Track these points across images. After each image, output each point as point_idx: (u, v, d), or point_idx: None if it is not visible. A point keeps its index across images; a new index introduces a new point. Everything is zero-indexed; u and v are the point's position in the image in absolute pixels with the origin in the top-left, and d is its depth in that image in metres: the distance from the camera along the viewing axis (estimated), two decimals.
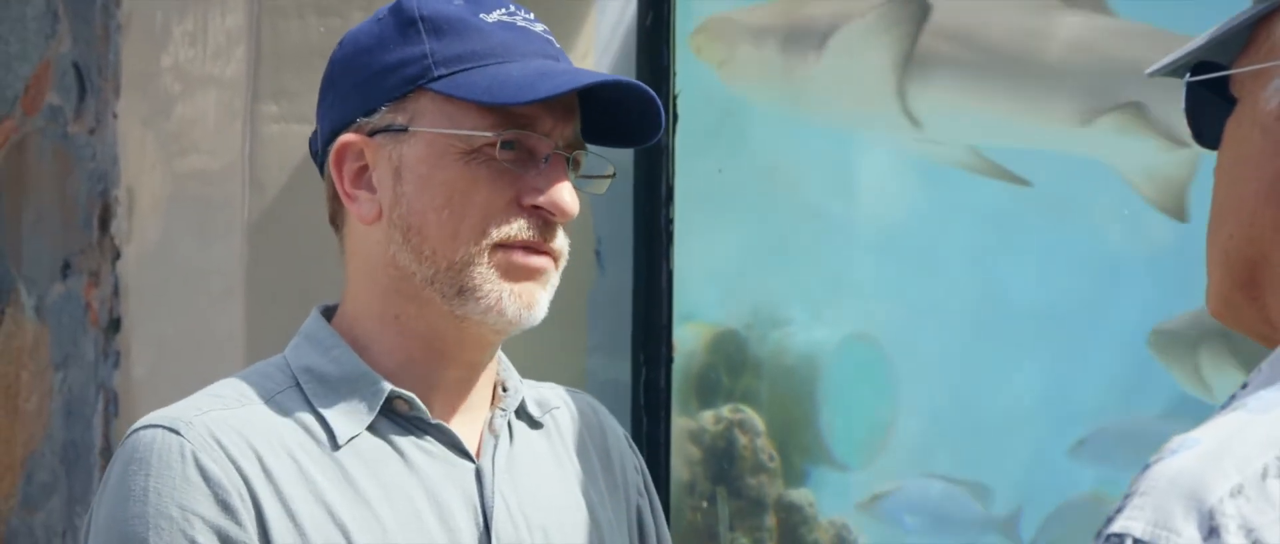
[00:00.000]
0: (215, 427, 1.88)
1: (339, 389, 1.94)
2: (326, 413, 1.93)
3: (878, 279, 3.61)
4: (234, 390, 1.94)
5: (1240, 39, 1.41)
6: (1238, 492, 1.20)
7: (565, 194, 1.92)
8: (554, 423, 2.09)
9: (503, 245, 1.92)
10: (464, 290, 1.92)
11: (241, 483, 1.86)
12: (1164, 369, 3.36)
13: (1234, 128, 1.39)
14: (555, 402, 2.11)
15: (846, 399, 3.62)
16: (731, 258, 3.61)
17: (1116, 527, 1.20)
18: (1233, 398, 1.31)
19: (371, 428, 1.94)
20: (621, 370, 3.34)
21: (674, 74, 3.33)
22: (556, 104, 1.93)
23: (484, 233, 1.91)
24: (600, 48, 3.34)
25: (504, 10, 1.96)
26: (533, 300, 1.94)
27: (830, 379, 3.61)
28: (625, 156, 3.39)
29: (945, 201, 3.56)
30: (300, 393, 1.94)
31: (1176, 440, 1.25)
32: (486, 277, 1.92)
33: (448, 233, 1.92)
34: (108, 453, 3.59)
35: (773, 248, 3.62)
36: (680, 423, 3.52)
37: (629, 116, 1.98)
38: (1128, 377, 3.44)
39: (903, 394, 3.60)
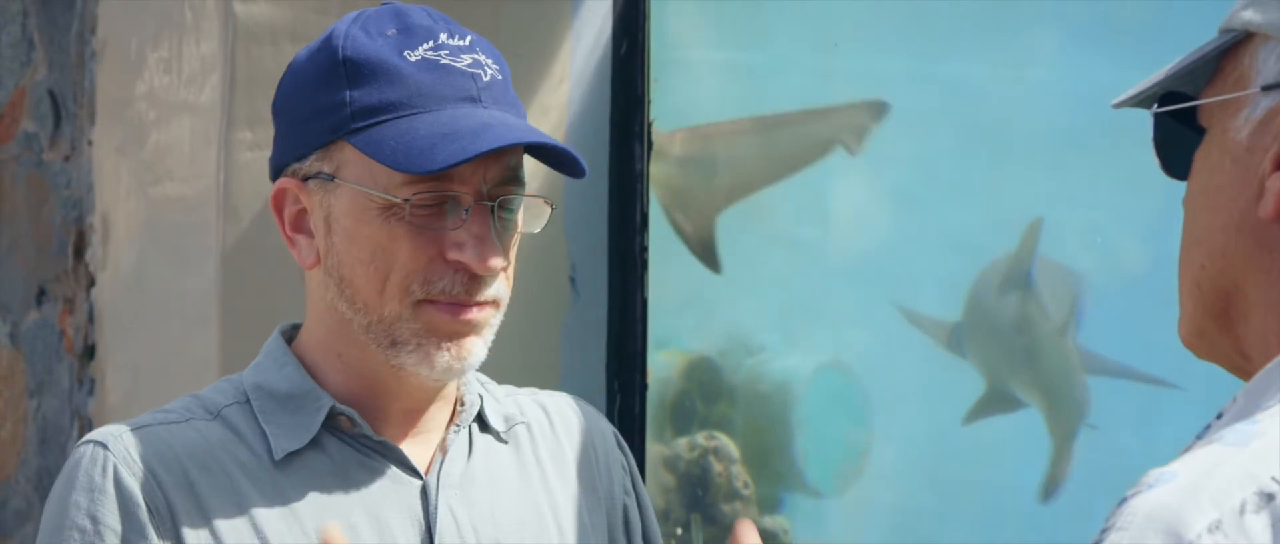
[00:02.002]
0: (145, 442, 1.91)
1: (285, 405, 1.95)
2: (268, 428, 1.94)
3: (852, 306, 3.60)
4: (182, 406, 1.97)
5: (1208, 69, 1.41)
6: (1216, 527, 1.19)
7: (485, 248, 1.90)
8: (527, 433, 2.07)
9: (428, 302, 1.91)
10: (396, 343, 1.92)
11: (160, 497, 1.89)
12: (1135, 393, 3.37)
13: (1203, 158, 1.39)
14: (531, 412, 2.09)
15: (821, 426, 3.62)
16: (706, 285, 3.61)
17: None
18: (1207, 428, 1.30)
19: (318, 445, 1.95)
20: (596, 398, 3.34)
21: (648, 102, 3.34)
22: None
23: (407, 290, 1.90)
24: (575, 76, 3.34)
25: (429, 45, 1.93)
26: (465, 353, 1.92)
27: (804, 406, 3.61)
28: (600, 184, 3.40)
29: (919, 229, 3.56)
30: (248, 408, 1.96)
31: (1154, 474, 1.24)
32: (415, 332, 1.91)
33: (374, 288, 1.91)
34: None
35: (748, 275, 3.62)
36: (655, 450, 3.52)
37: (555, 152, 1.94)
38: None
39: (877, 421, 3.60)
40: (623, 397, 3.36)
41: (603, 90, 3.34)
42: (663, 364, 3.53)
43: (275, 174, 1.98)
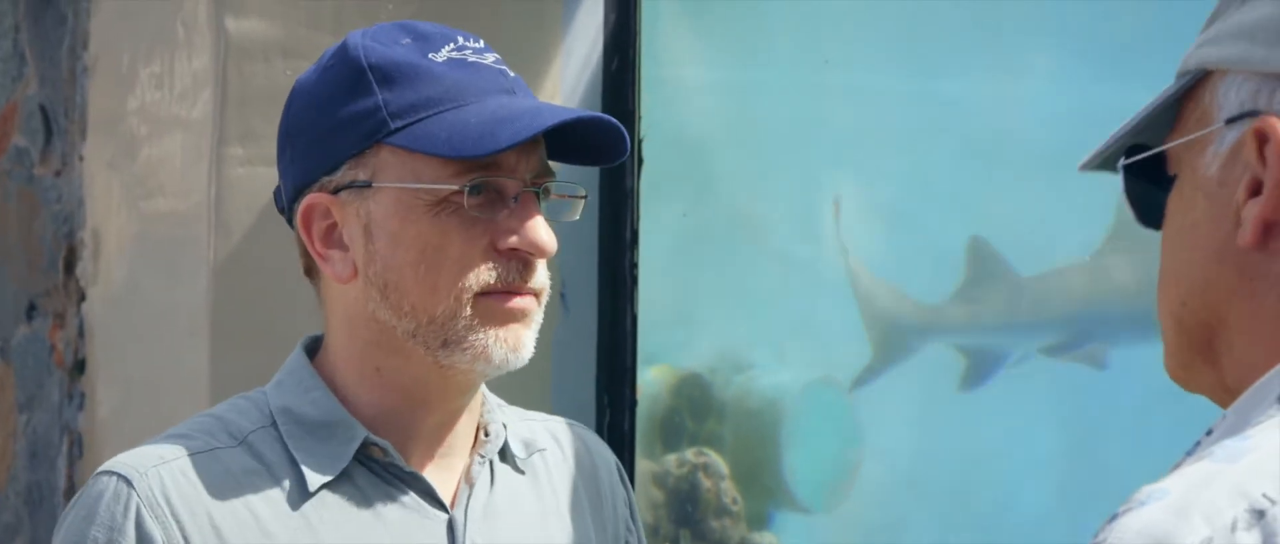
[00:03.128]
0: (170, 479, 1.87)
1: (315, 433, 1.93)
2: (299, 457, 1.92)
3: (841, 323, 3.60)
4: (205, 431, 1.93)
5: (1169, 116, 1.41)
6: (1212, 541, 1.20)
7: (541, 232, 1.88)
8: (543, 463, 2.06)
9: (484, 293, 1.88)
10: (449, 342, 1.89)
11: (181, 540, 1.85)
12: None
13: (1176, 201, 1.40)
14: (544, 440, 2.07)
15: (810, 443, 3.62)
16: (696, 301, 3.60)
17: None
18: (1197, 445, 1.31)
19: (345, 475, 1.92)
20: (586, 414, 3.33)
21: (639, 118, 3.34)
22: None
23: (462, 285, 1.88)
24: (567, 91, 3.34)
25: (452, 46, 1.91)
26: (519, 342, 1.90)
27: (794, 423, 3.60)
28: (590, 200, 3.40)
29: (906, 246, 3.56)
30: (275, 433, 1.93)
31: (1145, 491, 1.24)
32: (470, 326, 1.88)
33: (426, 288, 1.88)
34: (72, 494, 3.58)
35: (737, 292, 3.61)
36: (644, 466, 3.52)
37: (592, 137, 1.94)
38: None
39: (867, 438, 3.60)
40: (612, 412, 3.36)
41: (593, 106, 3.34)
42: (652, 380, 3.53)
43: (295, 195, 1.94)
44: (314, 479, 1.90)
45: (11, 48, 3.79)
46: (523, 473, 2.03)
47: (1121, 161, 1.43)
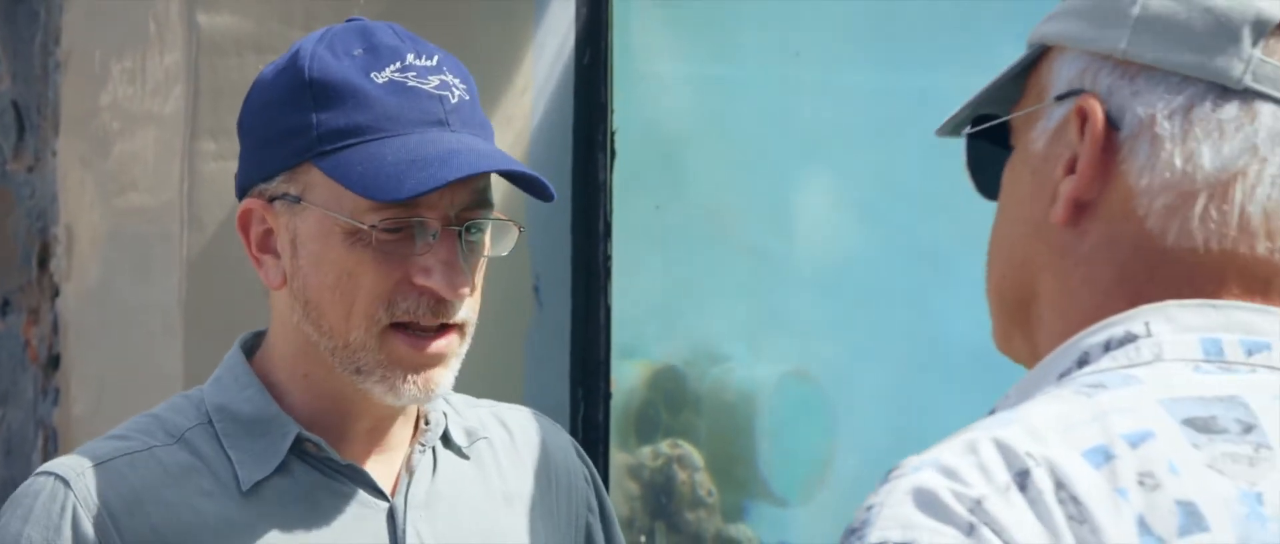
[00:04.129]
0: (106, 479, 1.88)
1: (250, 430, 1.93)
2: (234, 454, 1.92)
3: (816, 315, 3.61)
4: (143, 430, 1.94)
5: (1016, 87, 1.43)
6: (977, 505, 1.22)
7: (453, 275, 1.87)
8: (489, 449, 2.06)
9: (397, 326, 1.88)
10: (361, 370, 1.90)
11: (116, 539, 1.86)
12: None
13: (1009, 172, 1.41)
14: (490, 427, 2.07)
15: (785, 435, 3.62)
16: (670, 294, 3.61)
17: (874, 538, 1.22)
18: (970, 427, 1.32)
19: (283, 470, 1.93)
20: (560, 407, 3.33)
21: (612, 111, 3.34)
22: None
23: (374, 316, 1.88)
24: (538, 85, 3.34)
25: (397, 66, 1.90)
26: (430, 382, 1.90)
27: (769, 415, 3.61)
28: (563, 194, 3.40)
29: (883, 238, 3.57)
30: (211, 430, 1.94)
31: (913, 459, 1.26)
32: (380, 362, 1.89)
33: (341, 313, 1.89)
34: None
35: (711, 284, 3.62)
36: (619, 459, 3.51)
37: (518, 177, 1.93)
38: None
39: (841, 430, 3.60)
40: (586, 406, 3.35)
41: (566, 100, 3.34)
42: (627, 373, 3.53)
43: (242, 193, 1.96)
44: (249, 476, 1.91)
45: None
46: (468, 458, 2.03)
47: (966, 130, 1.45)
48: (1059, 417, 1.27)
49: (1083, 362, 1.33)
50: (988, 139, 1.44)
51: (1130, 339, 1.32)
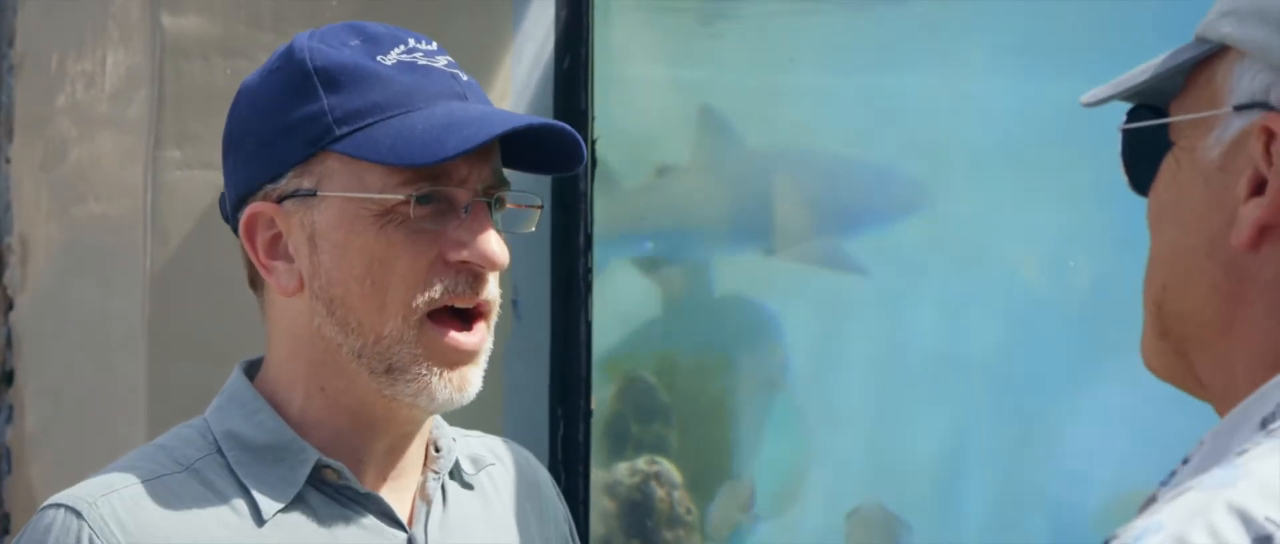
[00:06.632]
0: (120, 508, 1.82)
1: (264, 457, 1.87)
2: (250, 484, 1.86)
3: (790, 328, 3.57)
4: (150, 461, 1.87)
5: (1178, 79, 1.37)
6: None
7: (491, 244, 1.84)
8: (490, 481, 2.02)
9: (433, 316, 1.84)
10: (393, 368, 1.84)
11: None
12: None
13: (1170, 173, 1.36)
14: (489, 458, 2.04)
15: (760, 449, 3.58)
16: (647, 307, 3.58)
17: None
18: (1173, 475, 1.27)
19: (299, 498, 1.87)
20: (539, 424, 3.29)
21: (592, 118, 3.29)
22: None
23: (410, 302, 1.83)
24: (517, 90, 3.29)
25: (402, 48, 1.87)
26: (465, 382, 1.86)
27: (743, 429, 3.58)
28: (542, 204, 3.35)
29: (859, 247, 3.52)
30: (222, 460, 1.88)
31: (1137, 527, 1.19)
32: (416, 358, 1.84)
33: (373, 305, 1.83)
34: (0, 510, 3.53)
35: (688, 297, 3.58)
36: (597, 476, 3.50)
37: (547, 144, 1.90)
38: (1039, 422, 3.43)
39: (815, 443, 3.58)
40: (566, 424, 3.30)
41: (545, 106, 3.29)
42: (602, 387, 3.51)
43: (238, 203, 1.89)
44: (268, 505, 1.85)
45: None
46: (471, 488, 2.00)
47: (1122, 124, 1.39)
48: None
49: None
50: (1141, 127, 1.38)
51: None
